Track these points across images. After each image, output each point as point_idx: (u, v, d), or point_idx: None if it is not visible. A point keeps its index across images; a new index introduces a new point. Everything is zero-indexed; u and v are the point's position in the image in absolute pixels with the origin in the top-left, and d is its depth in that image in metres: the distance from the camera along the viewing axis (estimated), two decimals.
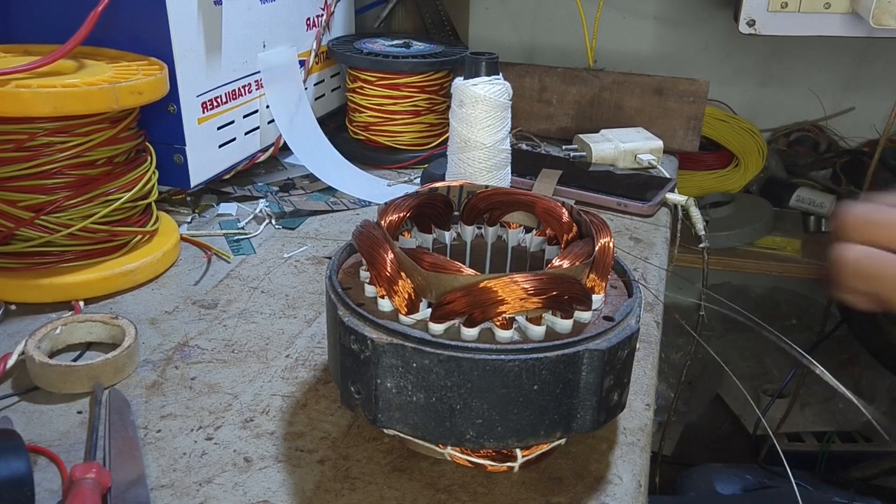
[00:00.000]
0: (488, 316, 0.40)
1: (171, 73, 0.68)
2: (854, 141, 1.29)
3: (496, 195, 0.52)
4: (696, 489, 1.02)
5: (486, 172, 0.75)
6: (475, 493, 0.43)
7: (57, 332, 0.54)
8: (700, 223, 0.79)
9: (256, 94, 0.83)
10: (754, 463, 1.19)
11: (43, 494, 0.42)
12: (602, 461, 0.46)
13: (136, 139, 0.64)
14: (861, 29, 0.95)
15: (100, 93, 0.57)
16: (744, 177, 1.26)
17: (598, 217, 0.47)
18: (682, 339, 1.34)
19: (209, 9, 0.73)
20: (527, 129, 1.03)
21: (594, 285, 0.43)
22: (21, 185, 0.58)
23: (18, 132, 0.57)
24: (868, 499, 0.98)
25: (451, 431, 0.40)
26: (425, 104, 0.92)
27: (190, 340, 0.57)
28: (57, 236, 0.59)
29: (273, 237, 0.74)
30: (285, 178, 0.87)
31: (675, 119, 0.98)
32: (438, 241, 0.52)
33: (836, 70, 1.25)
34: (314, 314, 0.61)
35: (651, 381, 0.54)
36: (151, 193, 0.66)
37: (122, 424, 0.48)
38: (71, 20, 0.61)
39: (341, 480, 0.44)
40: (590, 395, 0.40)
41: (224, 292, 0.64)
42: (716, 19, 1.23)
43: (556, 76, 1.01)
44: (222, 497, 0.43)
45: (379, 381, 0.40)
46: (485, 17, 1.30)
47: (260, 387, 0.52)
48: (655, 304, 0.64)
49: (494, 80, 0.73)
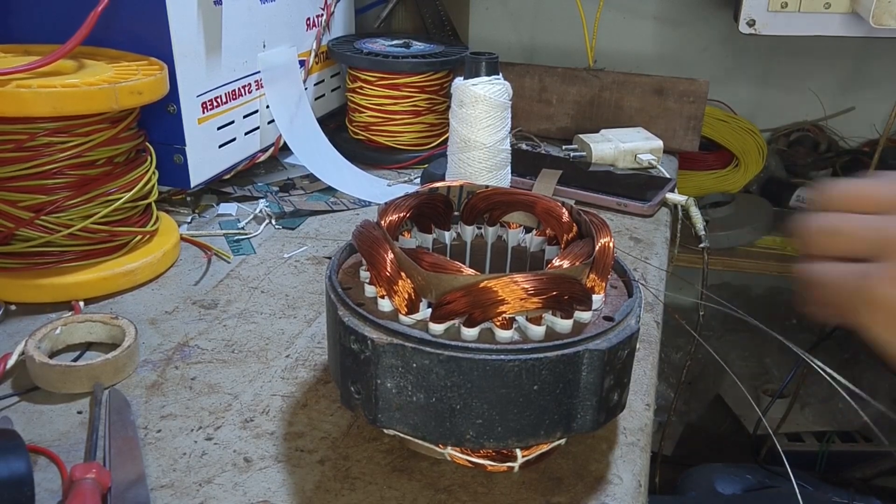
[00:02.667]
0: (488, 316, 0.40)
1: (171, 73, 0.68)
2: (854, 141, 1.29)
3: (496, 195, 0.52)
4: (696, 489, 1.02)
5: (486, 172, 0.75)
6: (475, 493, 0.43)
7: (57, 332, 0.54)
8: (700, 223, 0.79)
9: (256, 94, 0.83)
10: (754, 463, 1.19)
11: (43, 494, 0.42)
12: (602, 461, 0.46)
13: (136, 139, 0.64)
14: (861, 29, 0.95)
15: (100, 93, 0.57)
16: (744, 177, 1.26)
17: (598, 217, 0.47)
18: (682, 339, 1.34)
19: (209, 9, 0.73)
20: (527, 129, 1.03)
21: (594, 285, 0.43)
22: (21, 185, 0.58)
23: (18, 132, 0.57)
24: (868, 498, 0.98)
25: (451, 431, 0.40)
26: (425, 104, 0.92)
27: (190, 340, 0.57)
28: (57, 236, 0.59)
29: (273, 237, 0.74)
30: (285, 178, 0.87)
31: (675, 119, 0.98)
32: (438, 241, 0.52)
33: (836, 70, 1.25)
34: (314, 314, 0.61)
35: (651, 381, 0.54)
36: (151, 193, 0.66)
37: (122, 424, 0.48)
38: (71, 20, 0.61)
39: (341, 480, 0.44)
40: (590, 395, 0.40)
41: (224, 292, 0.64)
42: (716, 19, 1.22)
43: (556, 76, 1.01)
44: (222, 497, 0.43)
45: (379, 381, 0.40)
46: (485, 17, 1.30)
47: (260, 387, 0.52)
48: (655, 304, 0.64)
49: (494, 80, 0.73)
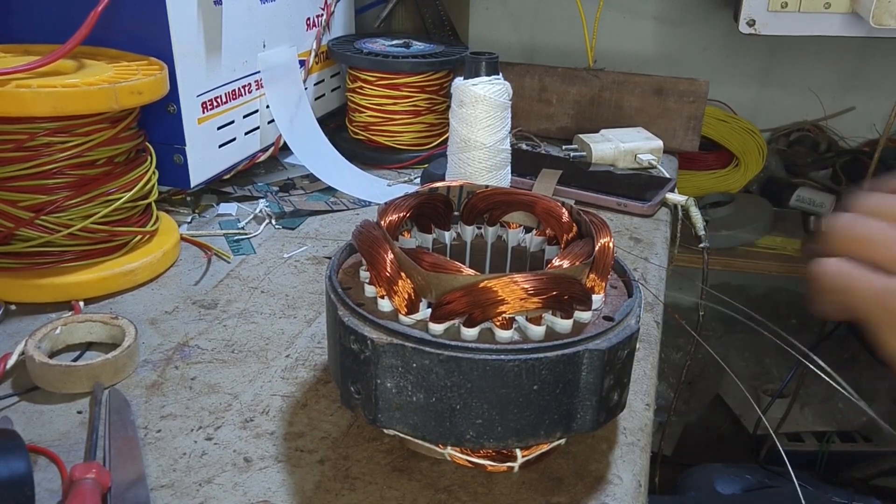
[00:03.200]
0: (488, 316, 0.40)
1: (171, 73, 0.68)
2: (854, 141, 1.29)
3: (496, 195, 0.52)
4: (696, 489, 1.02)
5: (486, 172, 0.75)
6: (475, 493, 0.43)
7: (57, 332, 0.54)
8: (700, 223, 0.79)
9: (256, 94, 0.83)
10: (754, 463, 1.19)
11: (43, 494, 0.42)
12: (602, 461, 0.46)
13: (136, 139, 0.64)
14: (861, 29, 0.95)
15: (100, 93, 0.57)
16: (744, 177, 1.26)
17: (598, 217, 0.47)
18: (682, 339, 1.34)
19: (209, 9, 0.73)
20: (527, 129, 1.03)
21: (594, 285, 0.43)
22: (21, 185, 0.58)
23: (18, 132, 0.57)
24: (867, 498, 0.98)
25: (451, 431, 0.40)
26: (425, 104, 0.92)
27: (190, 340, 0.57)
28: (57, 236, 0.59)
29: (273, 237, 0.74)
30: (285, 178, 0.87)
31: (675, 119, 0.98)
32: (438, 241, 0.52)
33: (836, 70, 1.25)
34: (314, 314, 0.61)
35: (651, 381, 0.54)
36: (151, 193, 0.66)
37: (122, 424, 0.48)
38: (71, 20, 0.61)
39: (341, 480, 0.44)
40: (590, 395, 0.40)
41: (224, 292, 0.64)
42: (716, 19, 1.23)
43: (556, 76, 1.01)
44: (222, 497, 0.43)
45: (379, 381, 0.40)
46: (485, 17, 1.30)
47: (260, 387, 0.52)
48: (655, 304, 0.64)
49: (494, 80, 0.73)
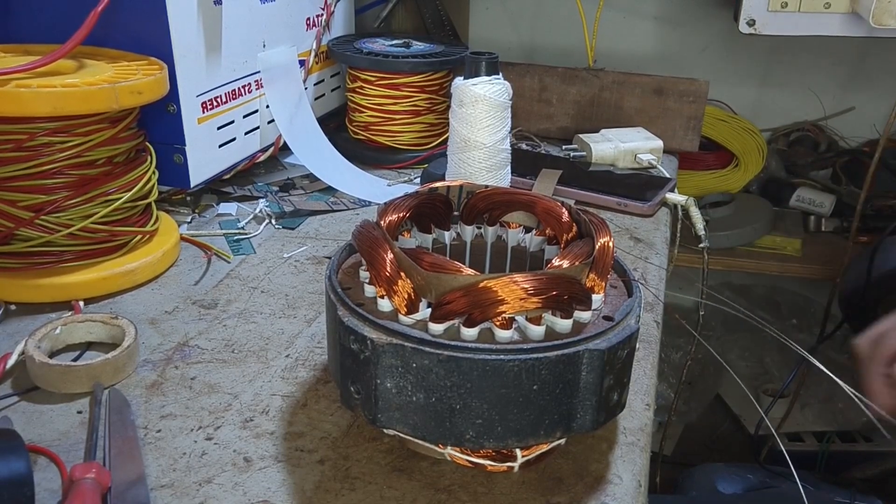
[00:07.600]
0: (488, 316, 0.40)
1: (171, 73, 0.68)
2: (854, 141, 1.29)
3: (496, 195, 0.52)
4: (698, 488, 1.02)
5: (486, 172, 0.75)
6: (475, 493, 0.43)
7: (57, 332, 0.54)
8: (700, 223, 0.79)
9: (256, 94, 0.83)
10: (755, 463, 1.19)
11: (43, 494, 0.42)
12: (602, 461, 0.46)
13: (136, 139, 0.64)
14: (861, 29, 0.95)
15: (100, 93, 0.57)
16: (744, 177, 1.26)
17: (597, 217, 0.47)
18: (682, 339, 1.34)
19: (209, 9, 0.73)
20: (527, 129, 1.03)
21: (594, 285, 0.43)
22: (21, 185, 0.58)
23: (18, 132, 0.57)
24: (870, 498, 0.98)
25: (450, 431, 0.40)
26: (425, 104, 0.92)
27: (190, 340, 0.57)
28: (57, 236, 0.59)
29: (273, 237, 0.74)
30: (285, 178, 0.87)
31: (675, 119, 0.98)
32: (438, 241, 0.52)
33: (836, 70, 1.25)
34: (314, 314, 0.61)
35: (651, 381, 0.54)
36: (151, 193, 0.66)
37: (122, 424, 0.48)
38: (71, 20, 0.61)
39: (341, 480, 0.44)
40: (590, 395, 0.40)
41: (224, 292, 0.64)
42: (716, 19, 1.23)
43: (556, 76, 1.01)
44: (222, 497, 0.43)
45: (379, 381, 0.40)
46: (485, 17, 1.30)
47: (260, 387, 0.52)
48: (655, 304, 0.64)
49: (494, 80, 0.73)
